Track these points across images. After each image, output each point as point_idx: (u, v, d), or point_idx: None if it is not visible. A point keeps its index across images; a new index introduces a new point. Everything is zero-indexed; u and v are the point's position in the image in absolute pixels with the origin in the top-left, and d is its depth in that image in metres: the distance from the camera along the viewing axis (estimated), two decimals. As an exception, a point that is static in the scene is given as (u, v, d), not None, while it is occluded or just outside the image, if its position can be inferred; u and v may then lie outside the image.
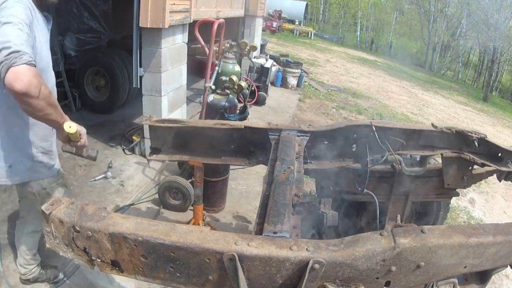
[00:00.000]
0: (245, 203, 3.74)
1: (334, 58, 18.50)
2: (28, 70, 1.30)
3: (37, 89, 1.33)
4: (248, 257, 1.01)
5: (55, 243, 1.20)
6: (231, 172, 3.64)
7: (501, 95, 27.19)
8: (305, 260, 1.01)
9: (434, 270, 1.14)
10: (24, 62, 1.30)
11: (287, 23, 28.48)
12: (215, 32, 3.77)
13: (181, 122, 2.04)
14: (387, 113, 9.17)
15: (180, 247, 1.05)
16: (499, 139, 8.17)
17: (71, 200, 1.22)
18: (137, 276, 1.19)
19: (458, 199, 4.93)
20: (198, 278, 1.11)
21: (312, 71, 12.32)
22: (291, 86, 8.94)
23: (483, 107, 16.55)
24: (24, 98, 1.32)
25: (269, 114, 6.73)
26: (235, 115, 3.28)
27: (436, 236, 1.09)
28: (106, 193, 3.47)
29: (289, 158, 1.66)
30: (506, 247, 1.20)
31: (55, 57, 4.85)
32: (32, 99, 1.33)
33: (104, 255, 1.16)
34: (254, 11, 7.92)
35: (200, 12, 4.81)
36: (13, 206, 3.08)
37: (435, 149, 2.21)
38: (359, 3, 37.54)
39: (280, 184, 1.42)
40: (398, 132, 2.11)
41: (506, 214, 5.40)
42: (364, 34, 38.22)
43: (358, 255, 1.02)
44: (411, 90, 14.22)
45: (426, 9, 30.49)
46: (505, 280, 3.55)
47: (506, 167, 2.14)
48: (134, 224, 1.11)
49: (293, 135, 1.93)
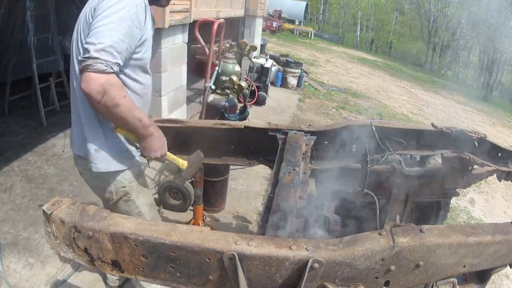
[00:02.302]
0: (245, 203, 3.74)
1: (334, 58, 18.50)
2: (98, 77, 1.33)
3: (100, 95, 1.33)
4: (248, 256, 1.02)
5: (56, 243, 1.20)
6: (231, 172, 3.64)
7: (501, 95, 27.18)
8: (305, 260, 1.01)
9: (433, 270, 1.14)
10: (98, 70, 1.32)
11: (287, 23, 28.50)
12: (215, 32, 3.77)
13: (181, 122, 2.05)
14: (387, 113, 9.17)
15: (180, 247, 1.06)
16: (499, 139, 8.17)
17: (72, 200, 1.23)
18: (138, 276, 1.20)
19: (458, 199, 4.94)
20: (198, 278, 1.12)
21: (312, 71, 12.33)
22: (291, 86, 8.94)
23: (483, 107, 16.56)
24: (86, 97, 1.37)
25: (269, 114, 6.74)
26: (235, 115, 3.28)
27: (435, 236, 1.09)
28: (106, 193, 3.48)
29: (295, 159, 1.66)
30: (505, 247, 1.20)
31: (55, 57, 4.88)
32: (94, 102, 1.36)
33: (105, 255, 1.16)
34: (254, 11, 7.93)
35: (200, 12, 4.81)
36: (13, 206, 3.09)
37: (435, 149, 2.21)
38: (359, 3, 37.56)
39: (284, 186, 1.42)
40: (398, 132, 2.11)
41: (506, 214, 5.40)
42: (364, 34, 38.24)
43: (357, 254, 1.03)
44: (411, 90, 14.23)
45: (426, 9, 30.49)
46: (505, 280, 3.56)
47: (506, 167, 2.14)
48: (134, 224, 1.12)
49: (300, 135, 1.93)
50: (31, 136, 4.32)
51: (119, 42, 1.35)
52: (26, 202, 3.18)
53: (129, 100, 1.43)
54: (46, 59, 4.73)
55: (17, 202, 3.16)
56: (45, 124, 4.58)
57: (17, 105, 4.88)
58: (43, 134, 4.39)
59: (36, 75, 4.51)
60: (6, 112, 4.71)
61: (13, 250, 2.63)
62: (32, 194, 3.29)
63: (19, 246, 2.67)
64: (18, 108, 4.88)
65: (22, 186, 3.39)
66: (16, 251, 2.62)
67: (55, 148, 4.15)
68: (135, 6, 1.39)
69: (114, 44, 1.33)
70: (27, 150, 3.99)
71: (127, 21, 1.37)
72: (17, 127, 4.46)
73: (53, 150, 4.10)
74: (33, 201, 3.19)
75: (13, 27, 4.58)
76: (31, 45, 4.42)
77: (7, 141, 4.12)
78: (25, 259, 2.57)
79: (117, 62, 1.35)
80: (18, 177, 3.52)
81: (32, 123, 4.60)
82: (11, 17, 4.55)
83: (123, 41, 1.37)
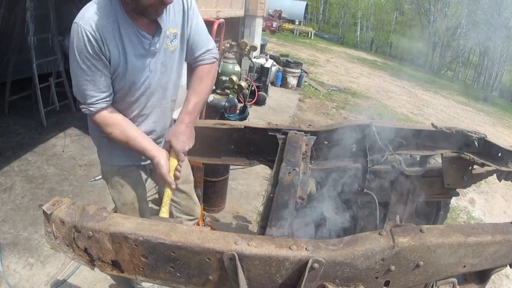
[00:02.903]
0: (245, 203, 3.74)
1: (334, 58, 18.51)
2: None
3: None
4: (248, 256, 1.02)
5: (56, 243, 1.20)
6: (231, 172, 3.64)
7: (501, 95, 27.19)
8: (305, 260, 1.01)
9: (433, 270, 1.14)
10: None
11: (287, 23, 28.50)
12: (215, 32, 3.78)
13: (181, 122, 2.05)
14: (387, 113, 9.18)
15: (180, 247, 1.06)
16: (499, 139, 8.17)
17: (72, 200, 1.23)
18: (138, 277, 1.20)
19: (458, 199, 4.94)
20: (198, 278, 1.12)
21: (312, 71, 12.33)
22: (291, 86, 8.95)
23: (483, 107, 16.57)
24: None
25: (269, 114, 6.74)
26: (235, 115, 3.29)
27: (435, 235, 1.09)
28: (106, 193, 3.48)
29: (295, 159, 1.66)
30: (505, 247, 1.20)
31: (55, 57, 4.88)
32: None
33: (105, 255, 1.16)
34: (254, 11, 7.93)
35: (200, 12, 4.80)
36: (13, 206, 3.09)
37: (435, 149, 2.21)
38: (359, 3, 37.58)
39: (284, 187, 1.43)
40: (398, 132, 2.11)
41: (506, 214, 5.40)
42: (364, 34, 38.24)
43: (357, 254, 1.03)
44: (411, 90, 14.23)
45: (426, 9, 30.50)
46: (505, 280, 3.55)
47: (506, 167, 2.14)
48: (135, 224, 1.12)
49: (300, 134, 1.93)
50: (31, 136, 4.32)
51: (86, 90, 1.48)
52: (26, 202, 3.18)
53: (116, 135, 1.56)
54: (46, 59, 4.73)
55: (17, 202, 3.16)
56: (45, 124, 4.59)
57: (17, 105, 4.88)
58: (43, 134, 4.39)
59: (36, 75, 4.51)
60: (6, 112, 4.71)
61: (13, 250, 2.63)
62: (32, 194, 3.29)
63: (19, 246, 2.67)
64: (18, 108, 4.88)
65: (22, 186, 3.39)
66: (16, 251, 2.62)
67: (55, 148, 4.15)
68: (82, 46, 1.40)
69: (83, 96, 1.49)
70: (27, 150, 3.99)
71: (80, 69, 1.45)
72: (17, 127, 4.46)
73: (53, 150, 4.10)
74: (33, 201, 3.20)
75: (13, 27, 4.58)
76: (31, 45, 4.42)
77: (7, 141, 4.12)
78: (25, 259, 2.57)
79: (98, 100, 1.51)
80: (18, 177, 3.52)
81: (32, 123, 4.60)
82: (11, 17, 4.55)
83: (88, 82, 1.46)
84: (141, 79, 1.55)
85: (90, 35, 1.38)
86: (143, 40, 1.49)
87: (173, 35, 1.58)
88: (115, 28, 1.42)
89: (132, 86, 1.56)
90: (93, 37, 1.38)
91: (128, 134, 1.56)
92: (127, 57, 1.47)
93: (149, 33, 1.50)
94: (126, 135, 1.56)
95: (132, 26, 1.46)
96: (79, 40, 1.38)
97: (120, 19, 1.43)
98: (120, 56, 1.46)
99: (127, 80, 1.53)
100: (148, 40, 1.50)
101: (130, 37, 1.46)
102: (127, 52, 1.47)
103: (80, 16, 1.40)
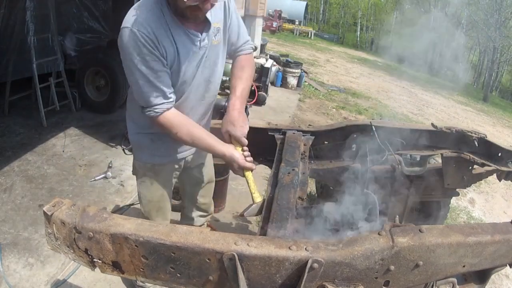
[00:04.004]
0: (245, 203, 3.71)
1: (334, 58, 18.51)
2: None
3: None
4: (247, 257, 1.02)
5: (56, 244, 1.20)
6: (231, 172, 3.64)
7: (501, 95, 27.18)
8: (304, 260, 1.01)
9: (433, 269, 1.14)
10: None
11: (287, 23, 28.48)
12: (215, 33, 3.77)
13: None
14: (387, 113, 9.17)
15: (180, 247, 1.06)
16: (499, 139, 8.17)
17: (72, 201, 1.23)
18: (138, 277, 1.20)
19: (458, 199, 4.94)
20: (198, 279, 1.12)
21: (312, 71, 12.33)
22: (291, 86, 8.94)
23: (483, 107, 16.57)
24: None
25: (269, 114, 6.73)
26: (235, 115, 3.28)
27: (434, 235, 1.10)
28: (106, 193, 3.48)
29: (294, 159, 1.66)
30: (505, 246, 1.20)
31: (55, 57, 4.88)
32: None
33: (105, 256, 1.16)
34: (254, 11, 7.93)
35: (200, 12, 4.80)
36: (13, 206, 3.10)
37: (435, 149, 2.21)
38: (359, 3, 37.56)
39: (284, 187, 1.43)
40: (398, 132, 2.11)
41: (506, 214, 5.40)
42: (364, 34, 38.22)
43: (357, 254, 1.03)
44: (411, 90, 14.22)
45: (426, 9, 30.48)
46: (505, 280, 3.55)
47: (506, 167, 2.14)
48: (135, 225, 1.12)
49: (298, 134, 1.93)
50: (31, 136, 4.32)
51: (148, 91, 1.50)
52: (26, 202, 3.18)
53: (182, 135, 1.58)
54: (46, 59, 4.73)
55: (17, 202, 3.16)
56: (45, 124, 4.59)
57: (17, 105, 4.88)
58: (43, 134, 4.39)
59: (36, 75, 4.51)
60: (6, 112, 4.71)
61: (13, 250, 2.63)
62: (32, 194, 3.29)
63: (19, 246, 2.67)
64: (18, 108, 4.87)
65: (22, 186, 3.39)
66: (16, 251, 2.62)
67: (55, 148, 4.15)
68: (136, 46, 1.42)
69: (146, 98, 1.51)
70: (27, 150, 3.99)
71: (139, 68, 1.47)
72: (17, 127, 4.46)
73: (53, 150, 4.10)
74: (33, 201, 3.20)
75: (13, 27, 4.57)
76: (31, 45, 4.42)
77: (7, 141, 4.12)
78: (25, 259, 2.57)
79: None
80: (18, 177, 3.52)
81: (32, 123, 4.60)
82: (11, 17, 4.55)
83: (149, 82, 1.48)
84: (191, 75, 1.61)
85: (147, 37, 1.41)
86: (193, 38, 1.53)
87: (217, 30, 1.62)
88: (166, 29, 1.46)
89: (183, 83, 1.61)
90: (149, 39, 1.41)
91: (194, 134, 1.60)
92: (180, 55, 1.52)
93: (197, 30, 1.54)
94: (191, 135, 1.60)
95: (180, 26, 1.49)
96: (135, 44, 1.41)
97: (168, 20, 1.47)
98: (174, 54, 1.51)
99: (180, 78, 1.58)
100: (198, 37, 1.54)
101: (180, 36, 1.50)
102: (180, 50, 1.51)
103: (130, 21, 1.42)
